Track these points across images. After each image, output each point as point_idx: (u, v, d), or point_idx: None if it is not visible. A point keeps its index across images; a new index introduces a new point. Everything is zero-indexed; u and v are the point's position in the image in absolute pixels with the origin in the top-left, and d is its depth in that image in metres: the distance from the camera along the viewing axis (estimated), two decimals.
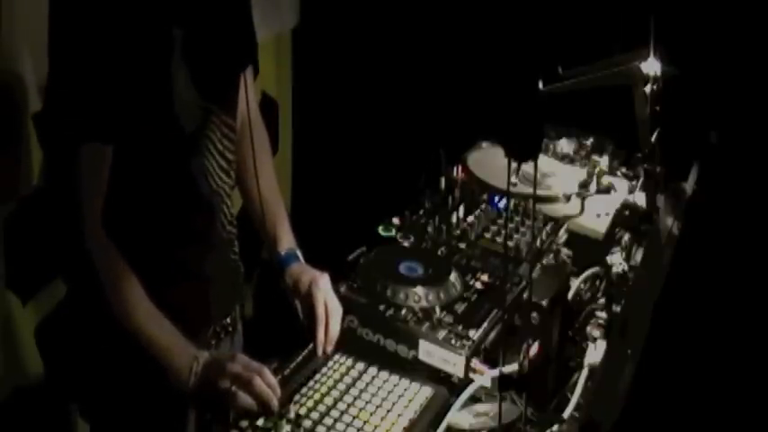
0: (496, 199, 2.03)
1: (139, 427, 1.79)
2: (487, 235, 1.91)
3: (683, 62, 1.99)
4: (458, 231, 1.91)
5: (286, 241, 1.79)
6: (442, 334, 1.53)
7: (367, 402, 1.45)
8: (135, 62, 1.42)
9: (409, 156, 2.16)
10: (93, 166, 1.46)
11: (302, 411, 1.41)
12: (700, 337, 2.68)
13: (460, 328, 1.55)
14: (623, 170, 2.28)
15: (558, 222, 1.96)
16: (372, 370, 1.53)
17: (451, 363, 1.50)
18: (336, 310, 1.60)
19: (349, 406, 1.44)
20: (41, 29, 1.74)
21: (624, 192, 2.14)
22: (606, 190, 2.13)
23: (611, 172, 2.25)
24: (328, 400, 1.44)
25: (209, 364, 1.47)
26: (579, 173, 2.17)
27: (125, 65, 1.41)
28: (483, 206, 2.01)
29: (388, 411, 1.43)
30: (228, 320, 1.80)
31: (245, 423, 1.37)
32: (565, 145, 2.34)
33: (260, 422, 1.37)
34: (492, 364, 1.48)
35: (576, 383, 1.49)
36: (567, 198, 2.06)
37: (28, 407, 2.20)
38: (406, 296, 1.60)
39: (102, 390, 1.81)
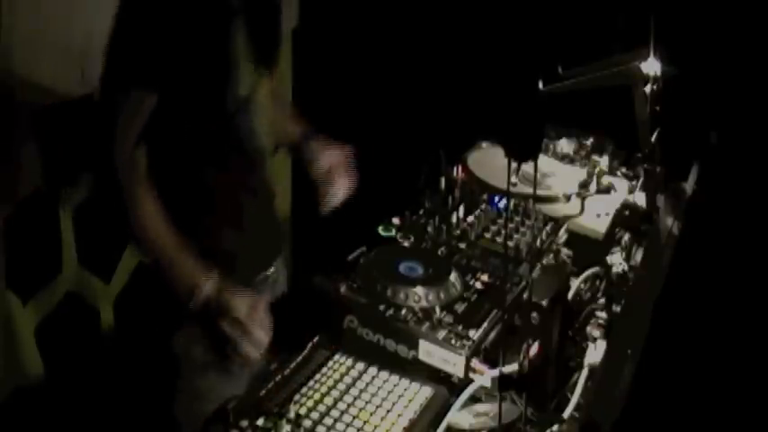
0: (496, 199, 2.03)
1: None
2: (487, 235, 1.91)
3: (683, 62, 1.99)
4: (458, 231, 1.91)
5: (298, 126, 2.01)
6: (442, 334, 1.53)
7: (367, 402, 1.45)
8: (197, 26, 1.60)
9: (409, 156, 2.16)
10: (135, 106, 1.62)
11: (302, 411, 1.41)
12: (700, 337, 2.68)
13: (460, 328, 1.55)
14: (623, 170, 2.28)
15: (558, 222, 1.96)
16: (372, 370, 1.53)
17: (451, 363, 1.50)
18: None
19: (349, 406, 1.44)
20: (42, 30, 1.74)
21: (624, 192, 2.14)
22: (606, 190, 2.13)
23: (611, 172, 2.25)
24: (328, 400, 1.44)
25: (216, 295, 1.61)
26: (579, 173, 2.17)
27: (187, 28, 1.59)
28: (483, 206, 2.01)
29: (388, 411, 1.43)
30: (271, 271, 1.95)
31: (245, 423, 1.37)
32: (565, 145, 2.34)
33: (260, 422, 1.37)
34: (492, 364, 1.48)
35: (576, 383, 1.49)
36: (567, 198, 2.05)
37: (28, 407, 2.20)
38: (406, 296, 1.60)
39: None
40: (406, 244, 1.84)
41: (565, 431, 1.40)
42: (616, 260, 1.84)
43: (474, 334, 1.53)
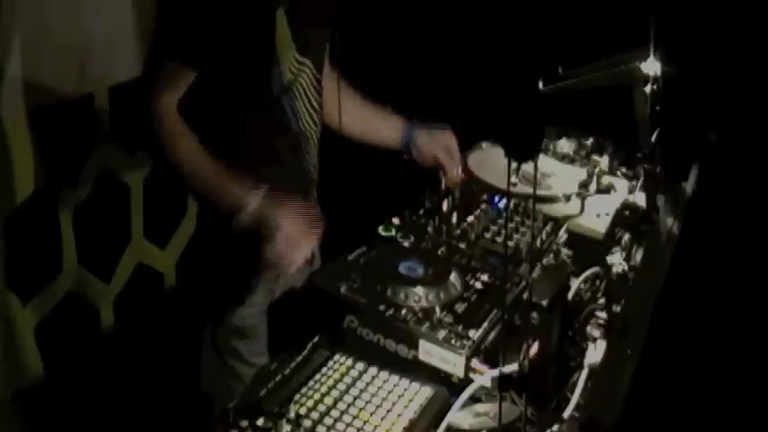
0: (496, 199, 2.03)
1: None
2: (487, 235, 1.91)
3: (683, 62, 1.99)
4: (458, 231, 1.91)
5: (396, 121, 2.13)
6: (442, 334, 1.53)
7: (367, 402, 1.45)
8: (240, 12, 1.73)
9: (409, 156, 2.17)
10: (169, 76, 1.74)
11: (302, 411, 1.41)
12: (700, 337, 2.68)
13: (460, 328, 1.55)
14: (623, 170, 2.28)
15: (558, 222, 1.96)
16: (372, 370, 1.53)
17: (451, 363, 1.50)
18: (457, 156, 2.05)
19: (349, 406, 1.44)
20: (42, 30, 1.73)
21: (624, 192, 2.14)
22: (606, 190, 2.13)
23: (611, 172, 2.25)
24: (328, 400, 1.44)
25: (262, 207, 1.74)
26: (579, 173, 2.17)
27: (231, 12, 1.72)
28: (483, 206, 2.01)
29: (388, 411, 1.43)
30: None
31: (245, 423, 1.37)
32: (565, 145, 2.34)
33: (260, 422, 1.37)
34: (492, 364, 1.48)
35: (576, 383, 1.49)
36: (567, 198, 2.05)
37: (28, 407, 2.20)
38: (406, 296, 1.60)
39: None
40: (406, 244, 1.84)
41: (565, 431, 1.40)
42: (616, 260, 1.84)
43: (474, 334, 1.53)
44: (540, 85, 1.86)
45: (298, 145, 1.96)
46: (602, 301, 1.73)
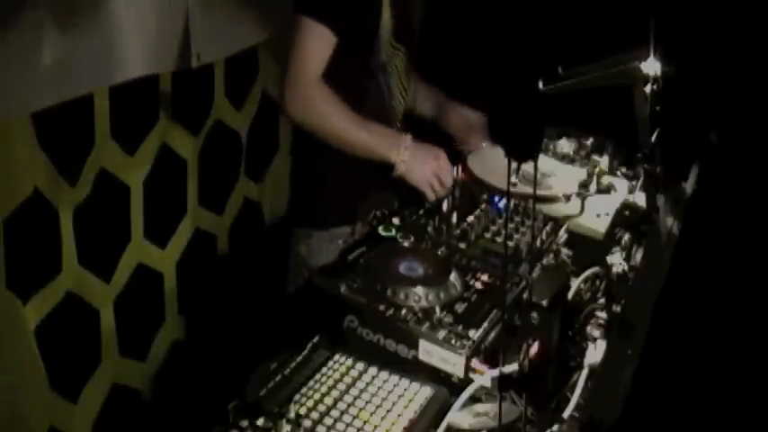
0: (496, 199, 2.03)
1: None
2: (487, 235, 1.91)
3: (683, 62, 1.99)
4: (458, 231, 1.91)
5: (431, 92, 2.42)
6: (442, 334, 1.53)
7: (367, 402, 1.45)
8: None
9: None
10: (314, 39, 2.03)
11: (302, 411, 1.41)
12: (700, 337, 2.68)
13: (460, 328, 1.55)
14: (623, 170, 2.28)
15: (558, 222, 1.96)
16: (372, 370, 1.53)
17: (451, 363, 1.50)
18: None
19: (349, 406, 1.44)
20: (41, 31, 1.73)
21: (624, 192, 2.14)
22: (606, 190, 2.13)
23: (611, 172, 2.25)
24: (328, 400, 1.44)
25: (413, 161, 2.08)
26: (579, 173, 2.17)
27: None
28: (483, 206, 2.01)
29: (388, 411, 1.43)
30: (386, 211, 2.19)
31: (245, 423, 1.37)
32: (565, 145, 2.34)
33: (260, 422, 1.37)
34: (492, 364, 1.48)
35: (576, 383, 1.49)
36: (567, 198, 2.05)
37: (29, 407, 2.20)
38: (406, 296, 1.60)
39: None
40: (406, 244, 1.84)
41: (565, 431, 1.40)
42: (616, 260, 1.84)
43: (474, 334, 1.53)
44: (540, 85, 1.86)
45: (386, 116, 2.19)
46: (602, 301, 1.74)
